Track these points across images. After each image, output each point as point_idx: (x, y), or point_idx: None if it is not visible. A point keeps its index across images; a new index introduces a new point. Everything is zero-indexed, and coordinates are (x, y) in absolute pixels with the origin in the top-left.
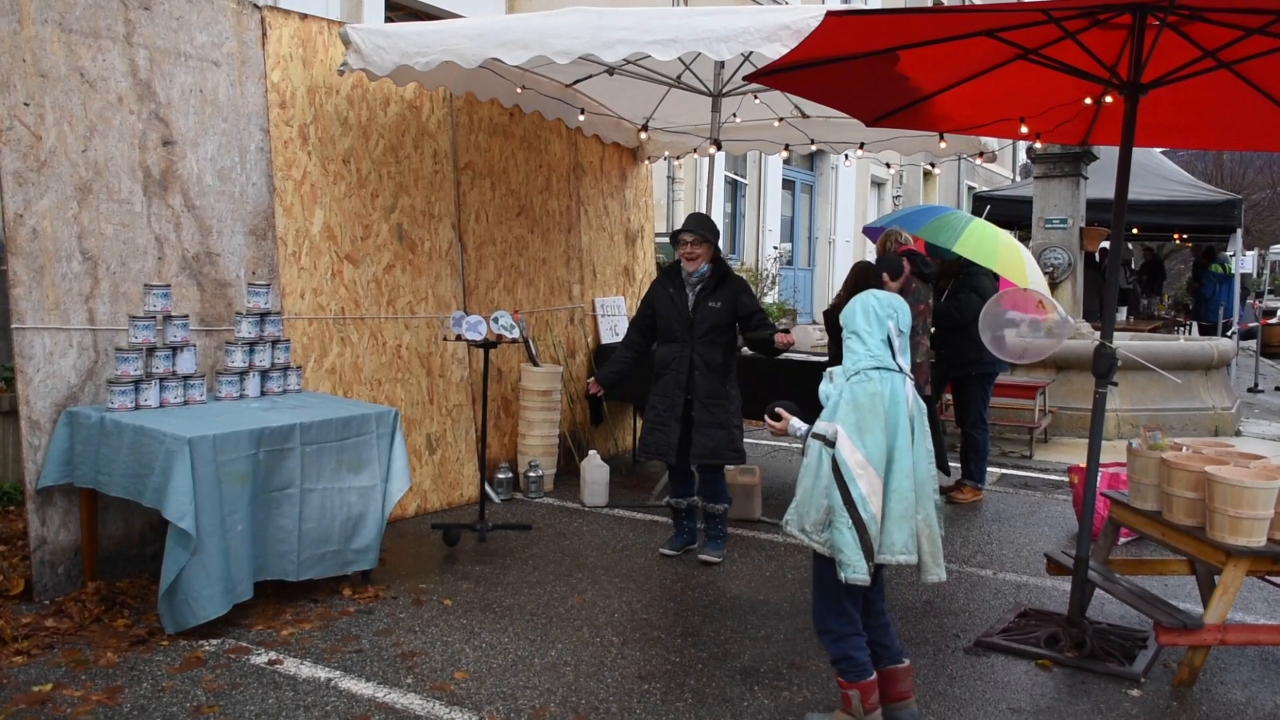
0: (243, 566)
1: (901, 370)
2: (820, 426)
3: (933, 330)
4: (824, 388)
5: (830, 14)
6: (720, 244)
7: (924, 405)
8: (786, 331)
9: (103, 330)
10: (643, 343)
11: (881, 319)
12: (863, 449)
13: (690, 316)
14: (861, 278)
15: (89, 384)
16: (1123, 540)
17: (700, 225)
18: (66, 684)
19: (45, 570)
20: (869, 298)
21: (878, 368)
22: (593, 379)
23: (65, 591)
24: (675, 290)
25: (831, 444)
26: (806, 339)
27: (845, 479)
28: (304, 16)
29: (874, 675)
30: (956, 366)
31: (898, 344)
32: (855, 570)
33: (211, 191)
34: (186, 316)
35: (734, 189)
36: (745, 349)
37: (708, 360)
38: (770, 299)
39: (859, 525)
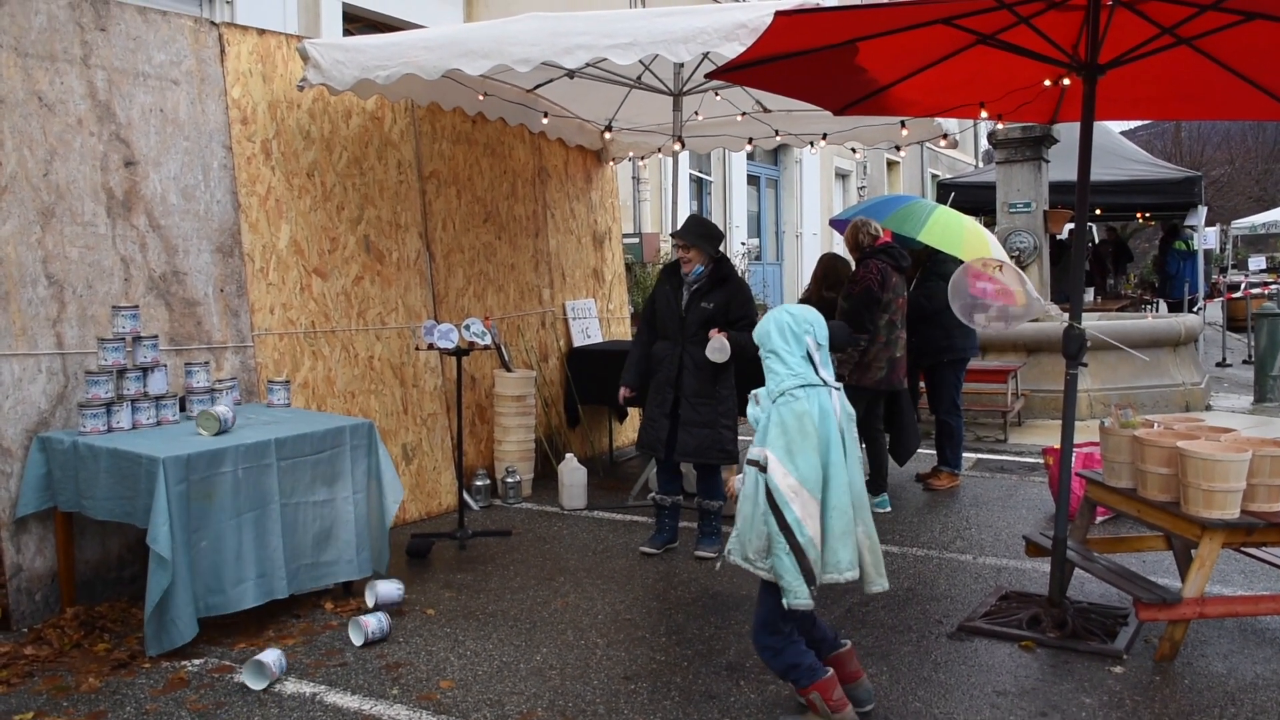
0: (213, 584)
1: (826, 384)
2: (753, 452)
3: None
4: (751, 411)
5: (779, 13)
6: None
7: (853, 413)
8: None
9: (71, 354)
10: (652, 337)
11: (799, 335)
12: (795, 472)
13: (683, 316)
14: (830, 269)
15: (60, 408)
16: (1100, 519)
17: (688, 230)
18: (48, 711)
19: (22, 598)
20: (782, 314)
21: (802, 385)
22: (624, 388)
23: (44, 618)
24: (672, 289)
25: (764, 469)
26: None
27: (779, 504)
28: (262, 32)
29: (830, 672)
30: (928, 354)
31: (818, 358)
32: (797, 596)
33: (176, 210)
34: (156, 337)
35: (699, 186)
36: None
37: (697, 360)
38: None
39: (796, 550)
